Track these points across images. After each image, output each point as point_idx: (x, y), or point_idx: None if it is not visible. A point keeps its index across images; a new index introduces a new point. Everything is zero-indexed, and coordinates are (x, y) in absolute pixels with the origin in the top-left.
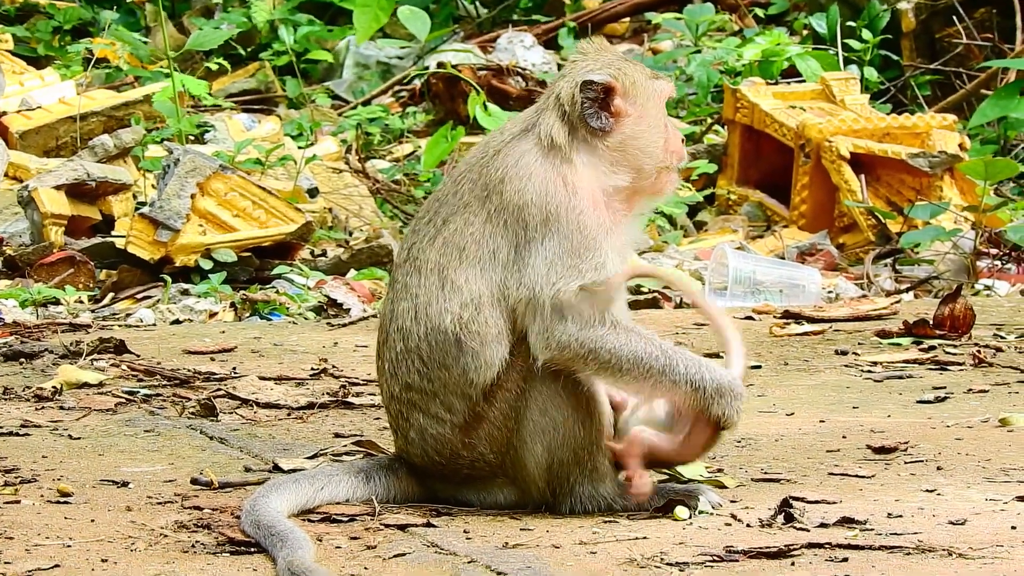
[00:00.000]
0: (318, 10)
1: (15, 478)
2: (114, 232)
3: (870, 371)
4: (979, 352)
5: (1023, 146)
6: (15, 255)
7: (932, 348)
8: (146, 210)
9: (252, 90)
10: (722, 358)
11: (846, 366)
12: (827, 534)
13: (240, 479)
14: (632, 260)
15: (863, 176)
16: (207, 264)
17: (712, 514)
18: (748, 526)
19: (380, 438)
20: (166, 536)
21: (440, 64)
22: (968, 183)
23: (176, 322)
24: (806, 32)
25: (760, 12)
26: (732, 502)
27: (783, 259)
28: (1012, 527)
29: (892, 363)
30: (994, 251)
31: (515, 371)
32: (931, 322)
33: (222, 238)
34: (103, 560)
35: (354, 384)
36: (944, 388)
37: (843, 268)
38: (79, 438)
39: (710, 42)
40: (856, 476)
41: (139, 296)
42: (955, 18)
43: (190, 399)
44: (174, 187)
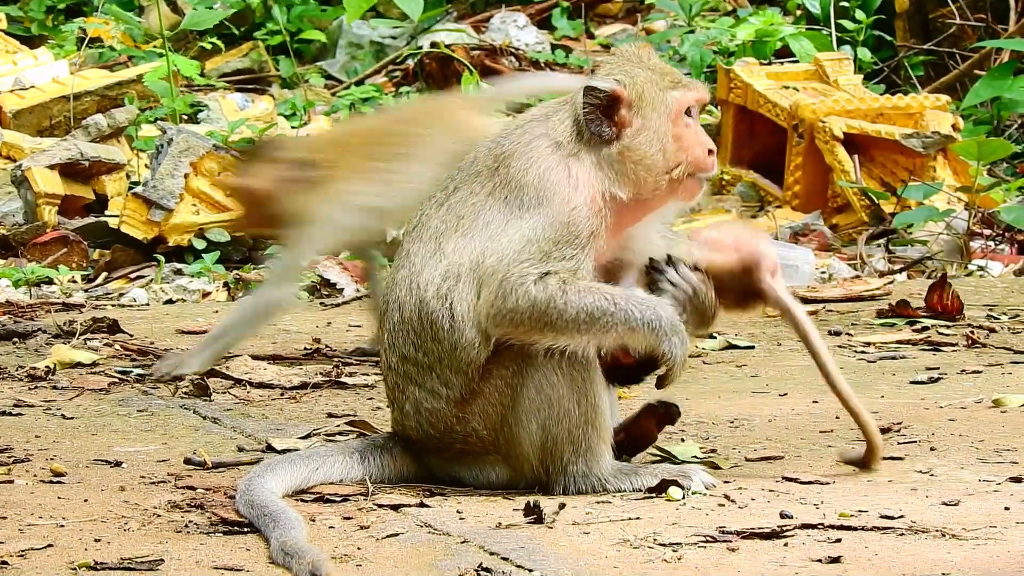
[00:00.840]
0: None
1: (8, 458)
2: (107, 212)
3: (864, 352)
4: (972, 333)
5: (1016, 126)
6: (8, 235)
7: (925, 329)
8: (139, 190)
9: (246, 69)
10: None
11: (840, 347)
12: (820, 514)
13: (233, 459)
14: None
15: (856, 156)
16: (200, 244)
17: (705, 494)
18: (741, 507)
19: (373, 418)
20: (159, 516)
21: (433, 44)
22: (961, 163)
23: (169, 302)
24: (799, 12)
25: None
26: (725, 482)
27: (776, 239)
28: (1005, 508)
29: (885, 344)
30: (987, 231)
31: (512, 349)
32: (918, 306)
33: (215, 218)
34: (96, 540)
35: (347, 364)
36: (937, 369)
37: (836, 248)
38: (72, 418)
39: (703, 22)
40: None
41: (132, 276)
42: None
43: (183, 379)
44: (167, 167)
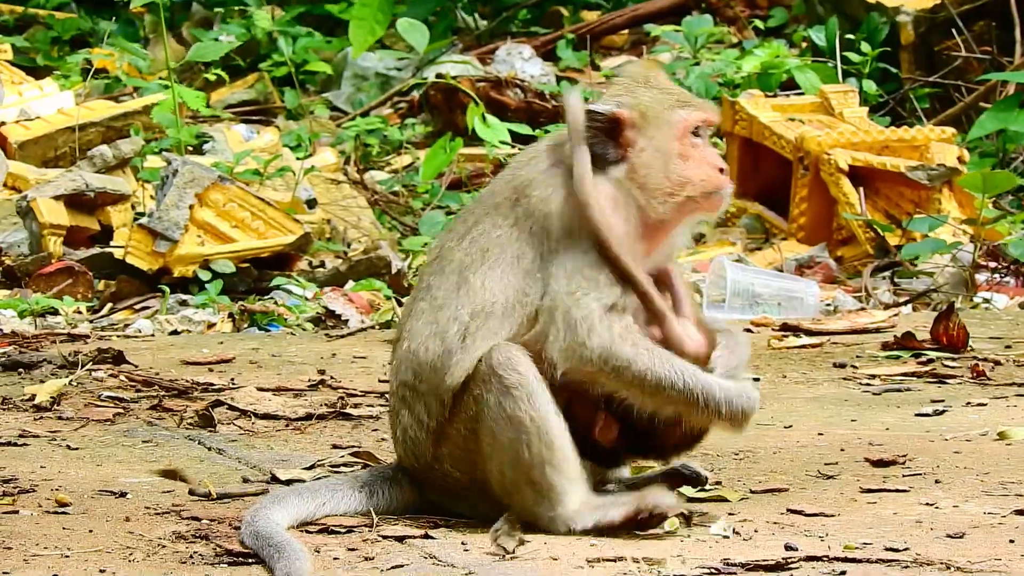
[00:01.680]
0: (317, 21)
1: (13, 488)
2: (112, 243)
3: (868, 384)
4: (977, 366)
5: (1022, 159)
6: (13, 265)
7: (930, 361)
8: (144, 221)
9: (251, 101)
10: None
11: (844, 379)
12: (825, 547)
13: (238, 490)
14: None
15: (862, 189)
16: (205, 275)
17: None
18: (745, 539)
19: (378, 449)
20: (164, 547)
21: (439, 75)
22: (967, 196)
23: (174, 333)
24: (805, 44)
25: (759, 24)
26: (730, 515)
27: (781, 271)
28: (1010, 541)
29: (890, 376)
30: (992, 264)
31: (471, 394)
32: (924, 338)
33: (220, 249)
34: (101, 571)
35: (352, 395)
36: (942, 401)
37: (841, 281)
38: (77, 448)
39: (709, 54)
40: (854, 489)
41: (137, 307)
42: (954, 31)
43: (188, 410)
44: (172, 198)
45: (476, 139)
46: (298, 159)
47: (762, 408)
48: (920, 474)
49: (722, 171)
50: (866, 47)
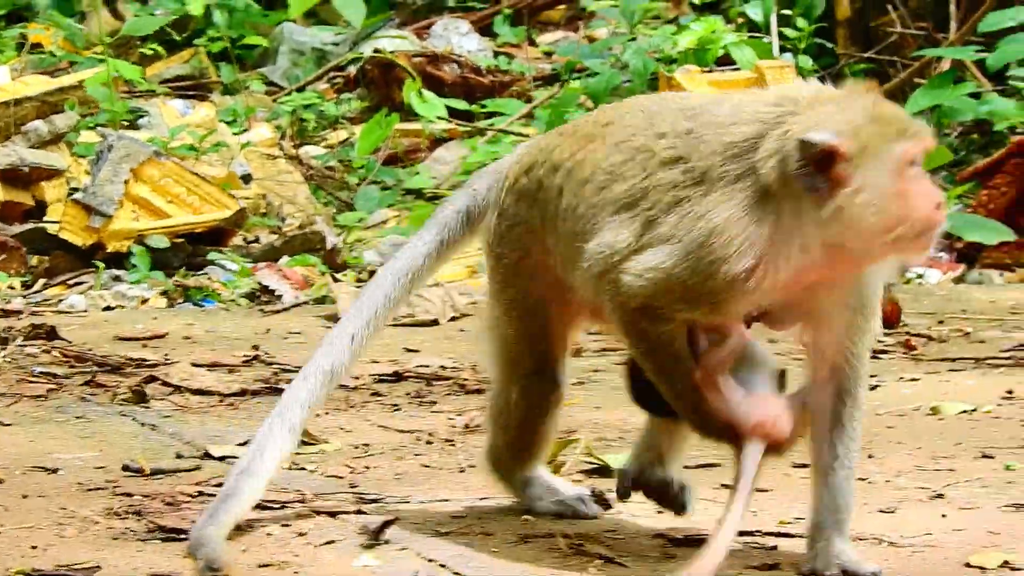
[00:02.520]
0: None
1: None
2: (47, 218)
3: (801, 358)
4: (910, 341)
5: (956, 134)
6: None
7: None
8: (79, 196)
9: (186, 76)
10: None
11: (778, 354)
12: (757, 522)
13: (171, 466)
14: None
15: None
16: (139, 250)
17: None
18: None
19: (311, 425)
20: (96, 523)
21: (375, 50)
22: None
23: (108, 308)
24: (741, 20)
25: (695, 0)
26: None
27: None
28: (942, 515)
29: None
30: None
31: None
32: None
33: (155, 224)
34: (32, 547)
35: (286, 371)
36: (876, 376)
37: None
38: (10, 424)
39: (645, 29)
40: (787, 463)
41: (71, 282)
42: (890, 6)
43: (121, 385)
44: (107, 173)
45: (412, 114)
46: (234, 134)
47: None
48: None
49: (939, 207)
50: (802, 22)
